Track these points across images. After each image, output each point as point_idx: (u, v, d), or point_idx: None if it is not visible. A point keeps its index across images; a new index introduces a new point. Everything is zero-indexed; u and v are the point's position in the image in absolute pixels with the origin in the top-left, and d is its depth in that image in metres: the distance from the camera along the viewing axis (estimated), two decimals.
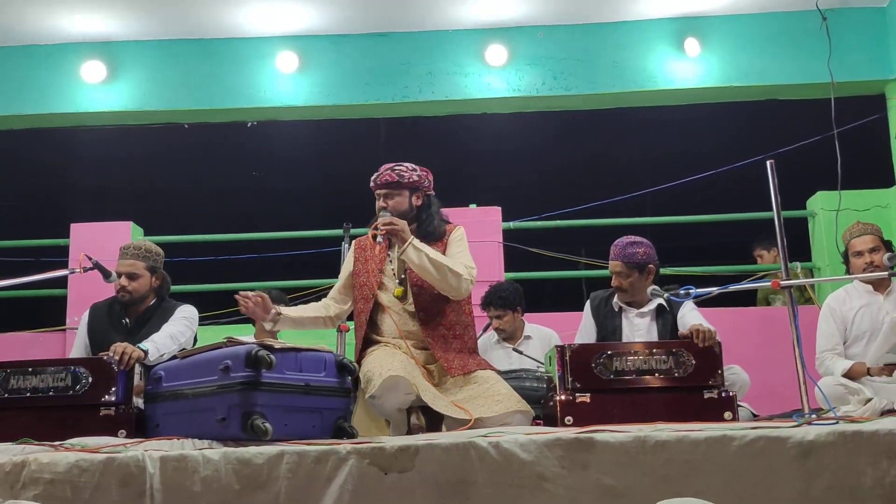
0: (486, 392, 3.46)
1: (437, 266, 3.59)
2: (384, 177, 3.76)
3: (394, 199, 3.76)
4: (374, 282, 3.74)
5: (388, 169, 3.77)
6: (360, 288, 3.79)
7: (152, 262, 4.13)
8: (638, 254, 4.22)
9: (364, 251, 3.86)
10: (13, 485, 2.48)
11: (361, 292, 3.77)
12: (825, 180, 6.15)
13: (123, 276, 4.07)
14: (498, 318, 5.02)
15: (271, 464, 2.54)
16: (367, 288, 3.76)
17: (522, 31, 6.48)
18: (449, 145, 8.67)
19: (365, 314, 3.72)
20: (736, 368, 4.01)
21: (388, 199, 3.75)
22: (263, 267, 7.52)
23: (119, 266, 4.10)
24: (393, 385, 3.30)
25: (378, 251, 3.78)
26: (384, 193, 3.76)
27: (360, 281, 3.79)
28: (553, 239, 6.88)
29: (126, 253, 4.13)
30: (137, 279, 4.08)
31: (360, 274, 3.82)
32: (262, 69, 6.48)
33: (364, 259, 3.84)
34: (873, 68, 6.29)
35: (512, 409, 3.38)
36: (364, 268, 3.81)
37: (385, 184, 3.76)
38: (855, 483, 2.53)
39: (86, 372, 3.27)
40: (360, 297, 3.77)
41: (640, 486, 2.53)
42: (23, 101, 6.45)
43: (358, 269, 3.83)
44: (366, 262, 3.82)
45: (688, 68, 6.41)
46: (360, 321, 3.75)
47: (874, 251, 4.33)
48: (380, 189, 3.78)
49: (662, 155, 8.89)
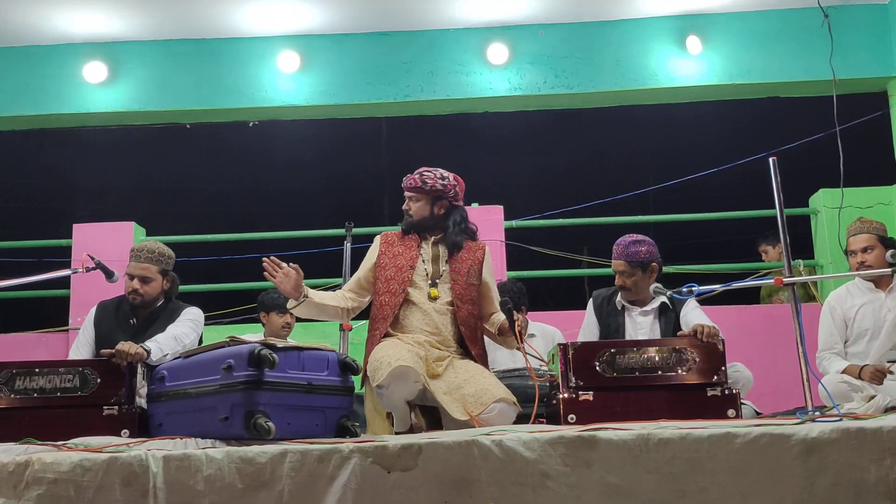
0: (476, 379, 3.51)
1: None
2: (410, 180, 3.82)
3: (415, 203, 3.82)
4: (405, 277, 3.72)
5: (417, 173, 3.82)
6: (386, 282, 3.75)
7: (164, 266, 4.11)
8: (641, 252, 4.21)
9: (391, 246, 3.83)
10: (17, 484, 2.48)
11: (388, 286, 3.73)
12: (828, 177, 6.15)
13: (136, 279, 4.04)
14: None
15: (274, 462, 2.54)
16: (395, 283, 3.73)
17: (524, 30, 6.47)
18: (450, 144, 8.67)
19: (390, 308, 3.68)
20: (739, 366, 4.00)
21: (411, 202, 3.83)
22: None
23: (131, 269, 4.07)
24: (402, 374, 3.31)
25: (409, 250, 3.79)
26: (408, 196, 3.84)
27: (388, 275, 3.76)
28: (555, 237, 6.88)
29: (139, 256, 4.08)
30: (150, 283, 4.06)
31: (386, 268, 3.78)
32: (263, 69, 6.49)
33: (392, 254, 3.81)
34: (875, 65, 6.28)
35: (498, 396, 3.41)
36: (392, 263, 3.78)
37: (409, 187, 3.83)
38: (858, 480, 2.53)
39: (90, 372, 3.27)
40: (386, 290, 3.73)
41: (644, 483, 2.53)
42: (25, 101, 6.45)
43: (384, 263, 3.79)
44: (394, 258, 3.79)
45: (690, 66, 6.40)
46: (384, 314, 3.70)
47: (867, 251, 4.32)
48: (406, 192, 3.84)
49: (664, 153, 8.90)
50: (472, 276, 3.80)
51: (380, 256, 3.82)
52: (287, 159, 9.26)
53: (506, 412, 3.44)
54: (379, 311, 3.74)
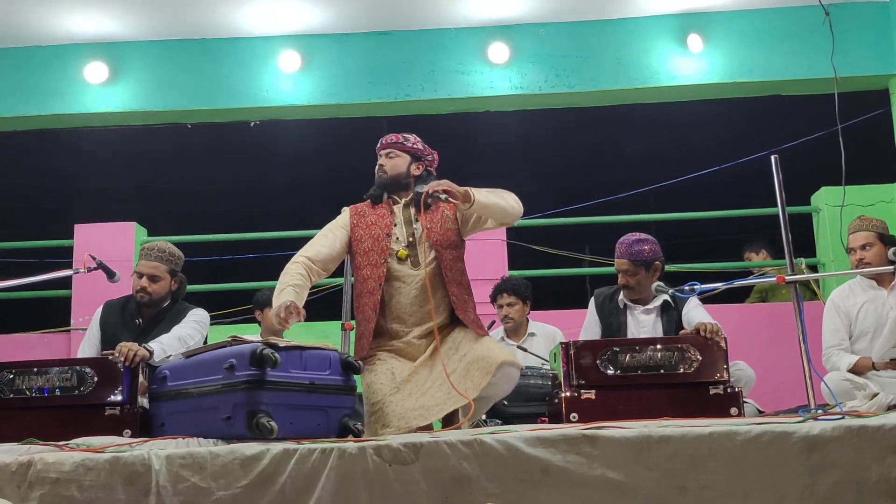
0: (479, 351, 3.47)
1: (497, 195, 3.66)
2: (389, 138, 3.80)
3: (393, 159, 3.78)
4: (383, 246, 3.65)
5: (395, 133, 3.82)
6: (365, 254, 3.68)
7: (174, 266, 4.12)
8: (644, 251, 4.21)
9: (363, 217, 3.76)
10: (20, 484, 2.48)
11: (368, 258, 3.66)
12: (829, 176, 6.14)
13: (145, 277, 4.04)
14: (509, 305, 5.07)
15: (277, 460, 2.54)
16: (374, 254, 3.66)
17: (524, 29, 6.47)
18: (452, 143, 8.65)
19: (375, 280, 3.61)
20: (741, 364, 4.00)
21: (389, 157, 3.78)
22: (267, 266, 7.52)
23: (141, 267, 4.07)
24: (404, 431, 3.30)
25: (382, 218, 3.72)
26: (386, 153, 3.79)
27: (365, 247, 3.69)
28: (557, 236, 6.88)
29: (150, 255, 4.09)
30: (158, 282, 4.06)
31: (362, 240, 3.71)
32: (264, 69, 6.49)
33: (365, 225, 3.74)
34: (877, 63, 6.27)
35: (501, 359, 3.39)
36: (367, 234, 3.71)
37: (389, 143, 3.79)
38: (860, 478, 2.53)
39: (91, 372, 3.27)
40: (367, 263, 3.66)
41: (646, 481, 2.53)
42: (26, 102, 6.45)
43: (359, 236, 3.72)
44: (368, 228, 3.72)
45: (691, 64, 6.40)
46: (369, 288, 3.62)
47: (866, 248, 4.31)
48: (383, 149, 3.80)
49: (666, 151, 8.89)
50: (448, 221, 3.72)
51: (353, 229, 3.74)
52: (288, 159, 9.26)
53: (511, 374, 3.44)
54: (363, 286, 3.66)
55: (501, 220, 3.76)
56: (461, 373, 3.43)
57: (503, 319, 5.09)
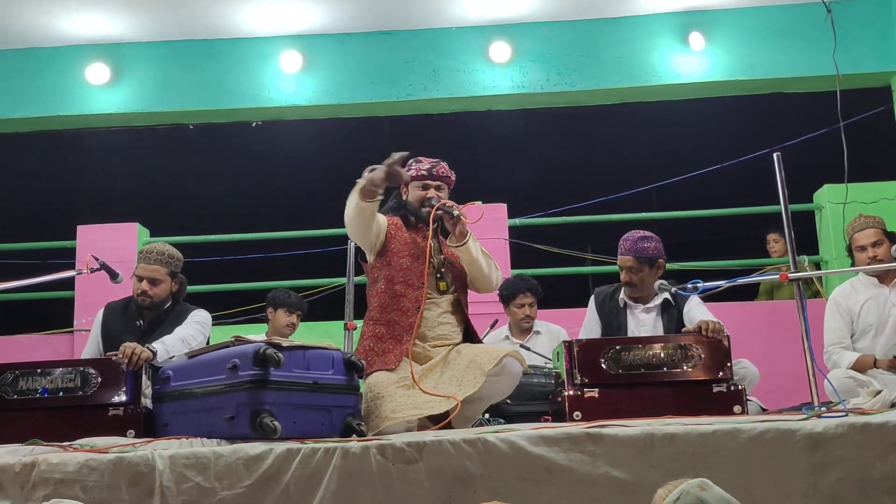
0: (482, 347, 3.56)
1: (486, 258, 3.73)
2: (441, 169, 3.77)
3: (442, 191, 3.76)
4: (421, 270, 3.64)
5: (441, 163, 3.78)
6: (402, 270, 3.65)
7: (174, 268, 4.12)
8: (649, 248, 4.21)
9: (400, 231, 3.74)
10: (24, 485, 2.49)
11: (405, 276, 3.64)
12: (832, 173, 6.14)
13: (145, 280, 4.03)
14: (530, 305, 5.11)
15: (281, 459, 2.55)
16: (412, 273, 3.64)
17: (526, 28, 6.47)
18: (454, 143, 8.67)
19: (410, 301, 3.60)
20: (745, 362, 3.99)
21: (439, 191, 3.76)
22: (270, 266, 7.54)
23: (141, 270, 4.06)
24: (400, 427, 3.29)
25: (417, 242, 3.71)
26: (437, 185, 3.76)
27: (403, 263, 3.67)
28: (559, 235, 6.88)
29: (149, 258, 4.07)
30: (159, 284, 4.05)
31: (399, 255, 3.68)
32: (266, 69, 6.49)
33: (402, 241, 3.71)
34: (879, 60, 6.27)
35: (505, 352, 3.44)
36: (405, 251, 3.69)
37: (441, 177, 3.77)
38: (864, 475, 2.53)
39: (95, 373, 3.27)
40: (403, 280, 3.64)
41: (649, 478, 2.52)
42: (28, 103, 6.47)
43: (396, 249, 3.70)
44: (406, 246, 3.70)
45: (692, 62, 6.40)
46: (402, 306, 3.61)
47: (877, 245, 4.30)
48: (435, 180, 3.76)
49: (667, 150, 8.88)
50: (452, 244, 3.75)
51: (390, 239, 3.72)
52: (290, 159, 9.26)
53: (514, 368, 3.48)
54: (394, 301, 3.63)
55: (473, 281, 3.79)
56: (462, 368, 3.44)
57: (523, 319, 5.08)
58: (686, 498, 1.93)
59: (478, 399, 3.43)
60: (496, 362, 3.39)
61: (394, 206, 3.85)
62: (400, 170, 3.44)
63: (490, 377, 3.38)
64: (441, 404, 3.33)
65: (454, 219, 3.61)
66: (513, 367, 3.49)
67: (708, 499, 1.93)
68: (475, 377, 3.37)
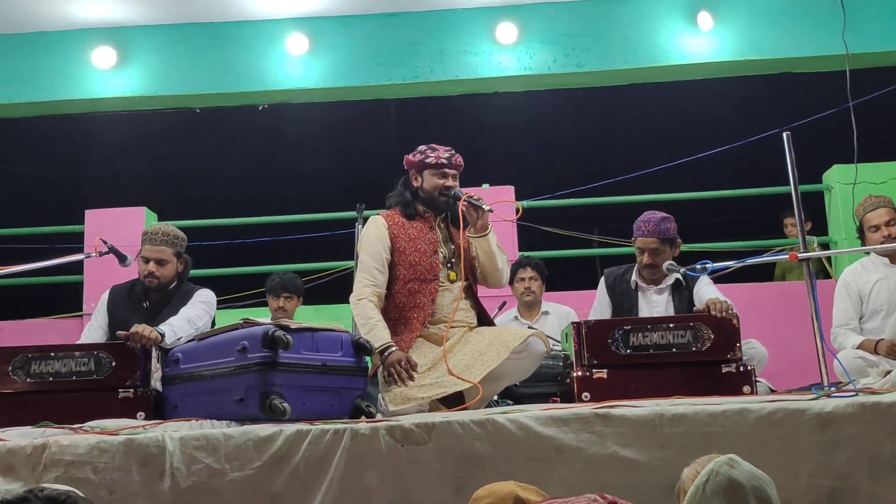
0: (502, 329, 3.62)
1: (500, 252, 3.76)
2: (458, 158, 3.77)
3: (454, 181, 3.77)
4: (432, 262, 3.66)
5: (456, 153, 3.78)
6: (411, 267, 3.65)
7: (179, 248, 4.14)
8: (671, 229, 4.20)
9: (402, 229, 3.72)
10: (35, 467, 2.51)
11: (415, 272, 3.64)
12: (841, 153, 6.10)
13: (152, 261, 4.05)
14: (531, 279, 5.11)
15: (290, 441, 2.55)
16: (422, 268, 3.64)
17: (533, 8, 6.43)
18: (460, 125, 8.65)
19: (424, 295, 3.62)
20: (754, 343, 3.99)
21: (455, 179, 3.77)
22: (277, 250, 7.54)
23: (147, 252, 4.08)
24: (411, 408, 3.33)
25: (423, 232, 3.72)
26: (453, 174, 3.77)
27: (411, 260, 3.66)
28: (566, 217, 6.86)
29: (154, 239, 4.09)
30: (166, 265, 4.08)
31: (406, 252, 3.67)
32: (272, 52, 6.47)
33: (407, 237, 3.70)
34: (888, 39, 6.21)
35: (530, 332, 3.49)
36: (412, 247, 3.68)
37: (458, 165, 3.77)
38: (874, 454, 2.53)
39: (105, 355, 3.28)
40: (414, 277, 3.64)
41: (658, 458, 2.53)
42: (34, 88, 6.46)
43: (403, 248, 3.68)
44: (412, 241, 3.69)
45: (701, 42, 6.35)
46: (417, 302, 3.62)
47: (890, 223, 4.28)
48: (454, 169, 3.76)
49: (676, 130, 8.85)
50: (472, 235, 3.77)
51: (394, 241, 3.70)
52: (297, 142, 9.25)
53: (540, 345, 3.53)
54: (410, 299, 3.64)
55: (486, 275, 3.80)
56: (485, 344, 3.47)
57: (524, 292, 5.09)
58: (716, 478, 1.86)
59: (498, 377, 3.44)
60: (521, 340, 3.43)
61: (400, 194, 3.82)
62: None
63: (514, 354, 3.41)
64: (463, 383, 3.35)
65: (479, 211, 3.62)
66: (537, 347, 3.53)
67: (738, 476, 1.86)
68: (498, 352, 3.40)
